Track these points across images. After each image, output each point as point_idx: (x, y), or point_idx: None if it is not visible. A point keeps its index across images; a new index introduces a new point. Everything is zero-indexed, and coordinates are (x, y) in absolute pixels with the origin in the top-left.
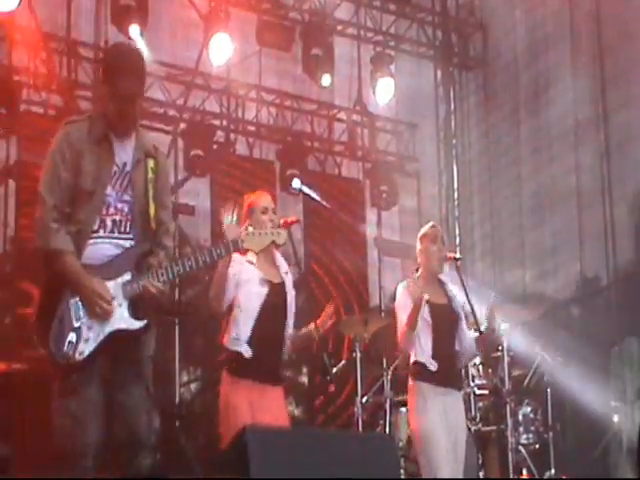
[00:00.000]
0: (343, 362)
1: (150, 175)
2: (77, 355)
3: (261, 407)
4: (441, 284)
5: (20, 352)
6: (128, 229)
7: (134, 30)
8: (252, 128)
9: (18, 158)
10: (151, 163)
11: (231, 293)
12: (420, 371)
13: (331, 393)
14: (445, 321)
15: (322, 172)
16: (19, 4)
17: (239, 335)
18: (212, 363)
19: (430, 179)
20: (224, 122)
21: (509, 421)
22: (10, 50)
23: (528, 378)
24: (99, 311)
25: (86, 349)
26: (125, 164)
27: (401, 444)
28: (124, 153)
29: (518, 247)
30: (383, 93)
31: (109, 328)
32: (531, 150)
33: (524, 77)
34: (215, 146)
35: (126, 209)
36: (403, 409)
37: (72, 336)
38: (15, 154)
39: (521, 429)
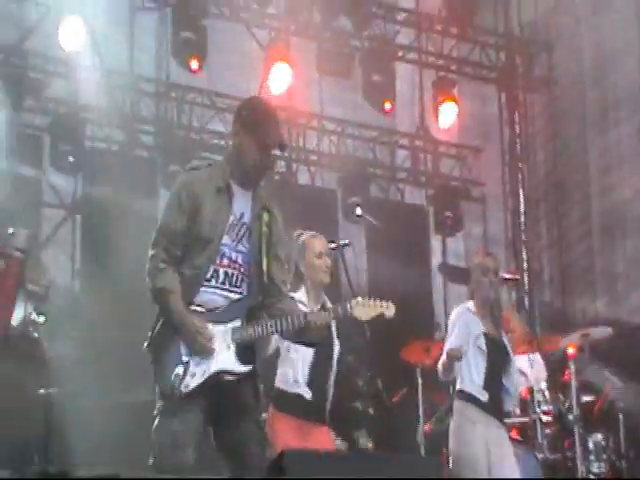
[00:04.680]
0: (405, 390)
1: (264, 229)
2: (182, 387)
3: (307, 443)
4: (494, 316)
5: None
6: (239, 283)
7: (194, 63)
8: (314, 157)
9: (84, 193)
10: (266, 217)
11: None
12: (469, 397)
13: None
14: (499, 354)
15: (385, 199)
16: (84, 42)
17: (297, 377)
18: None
19: (496, 203)
20: (285, 152)
21: (578, 449)
22: (75, 88)
23: (598, 404)
24: (198, 347)
25: (191, 383)
26: (243, 214)
27: None
28: (242, 204)
29: (588, 270)
30: (446, 117)
31: (215, 367)
32: (600, 171)
33: (591, 96)
34: (277, 176)
35: (240, 260)
36: None
37: (180, 369)
38: (81, 189)
39: (592, 457)
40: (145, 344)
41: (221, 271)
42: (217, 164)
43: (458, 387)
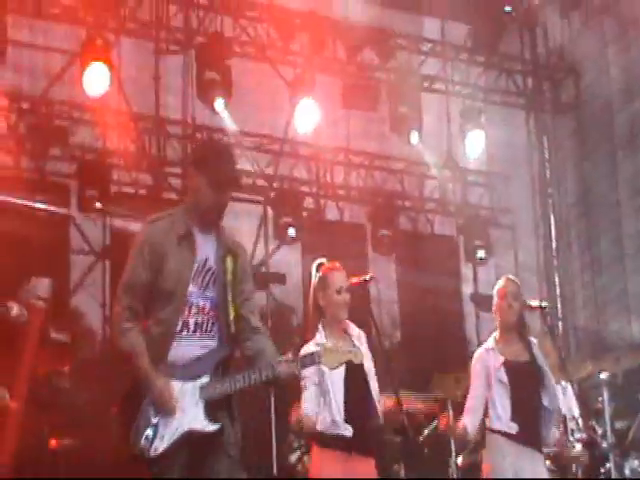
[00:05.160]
0: (436, 422)
1: (229, 277)
2: (152, 451)
3: (354, 475)
4: (522, 339)
5: None
6: (210, 328)
7: (219, 103)
8: (342, 192)
9: (112, 238)
10: (230, 263)
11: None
12: (498, 432)
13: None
14: (526, 379)
15: (414, 231)
16: (109, 87)
17: (335, 418)
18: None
19: (526, 230)
20: (313, 188)
21: (614, 476)
22: (101, 133)
23: (633, 430)
24: (164, 408)
25: (160, 446)
26: (207, 260)
27: None
28: (206, 248)
29: (621, 293)
30: (474, 146)
31: (183, 428)
32: (630, 193)
33: (619, 119)
34: (305, 213)
35: (208, 305)
36: None
37: (149, 432)
38: (109, 234)
39: None
40: (115, 406)
41: (191, 321)
42: (178, 211)
43: (487, 425)
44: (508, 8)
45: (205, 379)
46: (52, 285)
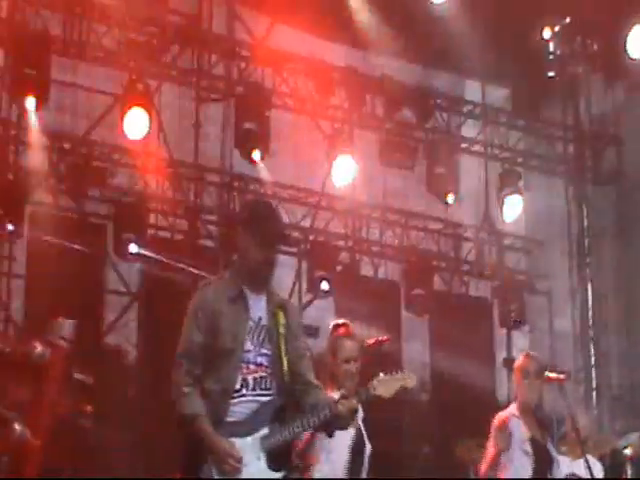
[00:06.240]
0: None
1: (282, 330)
2: None
3: None
4: (536, 414)
5: None
6: (269, 384)
7: (256, 154)
8: (376, 248)
9: (146, 281)
10: (281, 318)
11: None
12: None
13: None
14: (544, 458)
15: (449, 292)
16: (149, 132)
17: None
18: None
19: (562, 297)
20: (349, 243)
21: None
22: (140, 177)
23: None
24: (228, 469)
25: None
26: (260, 318)
27: None
28: (258, 307)
29: None
30: (511, 210)
31: None
32: None
33: None
34: (339, 267)
35: (265, 362)
36: None
37: None
38: (144, 277)
39: None
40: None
41: (250, 378)
42: (228, 274)
43: None
44: (551, 73)
45: (264, 431)
46: (76, 326)
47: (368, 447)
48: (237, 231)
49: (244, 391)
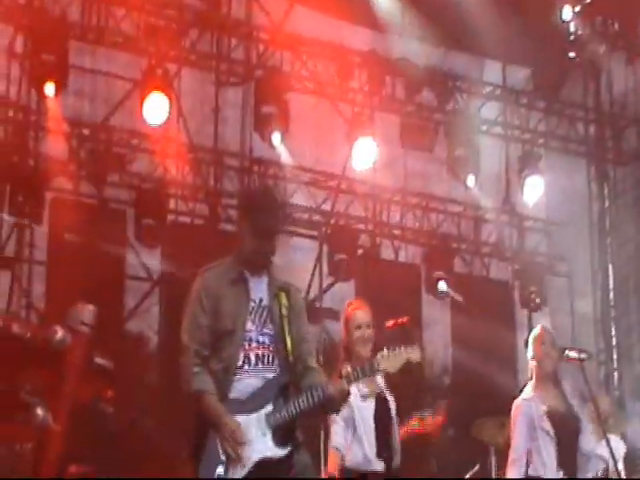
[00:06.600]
0: (477, 467)
1: (284, 312)
2: None
3: None
4: (556, 387)
5: None
6: (271, 361)
7: (276, 137)
8: (397, 232)
9: (167, 266)
10: (284, 299)
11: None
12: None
13: None
14: (567, 427)
15: (469, 274)
16: (168, 117)
17: (366, 454)
18: None
19: (583, 279)
20: (369, 226)
21: None
22: (159, 162)
23: None
24: (231, 452)
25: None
26: (261, 299)
27: None
28: (259, 289)
29: None
30: (532, 192)
31: (254, 458)
32: None
33: None
34: (360, 250)
35: (267, 341)
36: None
37: (220, 469)
38: (164, 263)
39: None
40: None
41: (252, 354)
42: (230, 258)
43: (530, 473)
44: (572, 54)
45: (269, 407)
46: (97, 312)
47: (392, 401)
48: (238, 215)
49: (246, 367)
